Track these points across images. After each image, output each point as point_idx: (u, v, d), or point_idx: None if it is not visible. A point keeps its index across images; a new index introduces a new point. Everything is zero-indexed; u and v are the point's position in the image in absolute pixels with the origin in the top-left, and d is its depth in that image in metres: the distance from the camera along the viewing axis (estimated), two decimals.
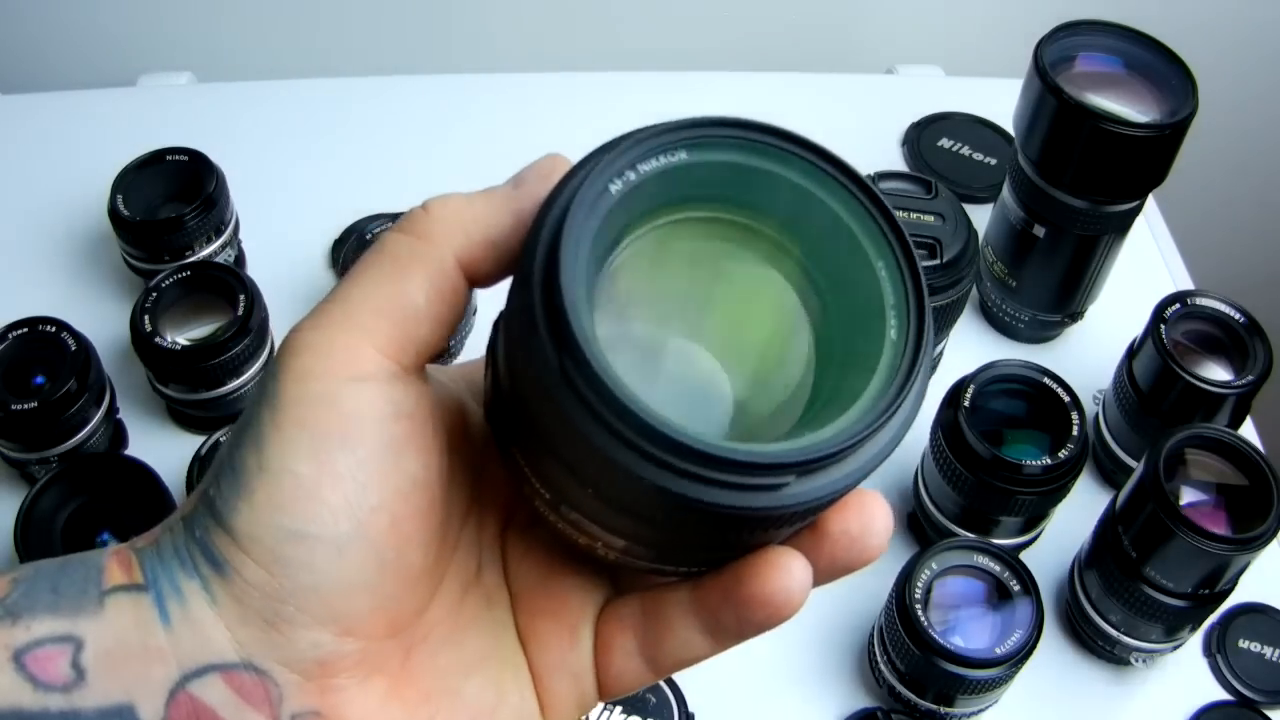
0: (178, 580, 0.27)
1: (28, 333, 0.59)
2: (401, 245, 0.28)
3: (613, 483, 0.25)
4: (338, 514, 0.26)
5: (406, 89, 0.84)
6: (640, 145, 0.27)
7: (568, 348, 0.24)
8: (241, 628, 0.26)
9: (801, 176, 0.28)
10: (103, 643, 0.26)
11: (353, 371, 0.27)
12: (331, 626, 0.27)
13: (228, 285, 0.62)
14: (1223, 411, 0.60)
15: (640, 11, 0.96)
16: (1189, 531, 0.51)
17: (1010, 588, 0.54)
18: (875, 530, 0.29)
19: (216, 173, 0.67)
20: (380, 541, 0.27)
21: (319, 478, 0.26)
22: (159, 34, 0.92)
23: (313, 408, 0.27)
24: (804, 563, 0.28)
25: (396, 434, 0.27)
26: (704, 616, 0.30)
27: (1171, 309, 0.61)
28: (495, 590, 0.32)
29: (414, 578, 0.29)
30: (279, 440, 0.26)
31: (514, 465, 0.28)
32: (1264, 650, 0.60)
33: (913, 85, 0.89)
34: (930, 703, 0.55)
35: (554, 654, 0.31)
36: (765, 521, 0.26)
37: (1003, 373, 0.59)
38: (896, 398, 0.26)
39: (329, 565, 0.26)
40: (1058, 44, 0.62)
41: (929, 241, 0.58)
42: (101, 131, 0.79)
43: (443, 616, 0.30)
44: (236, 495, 0.26)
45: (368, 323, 0.27)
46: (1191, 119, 0.60)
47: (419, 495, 0.28)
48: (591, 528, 0.28)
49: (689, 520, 0.25)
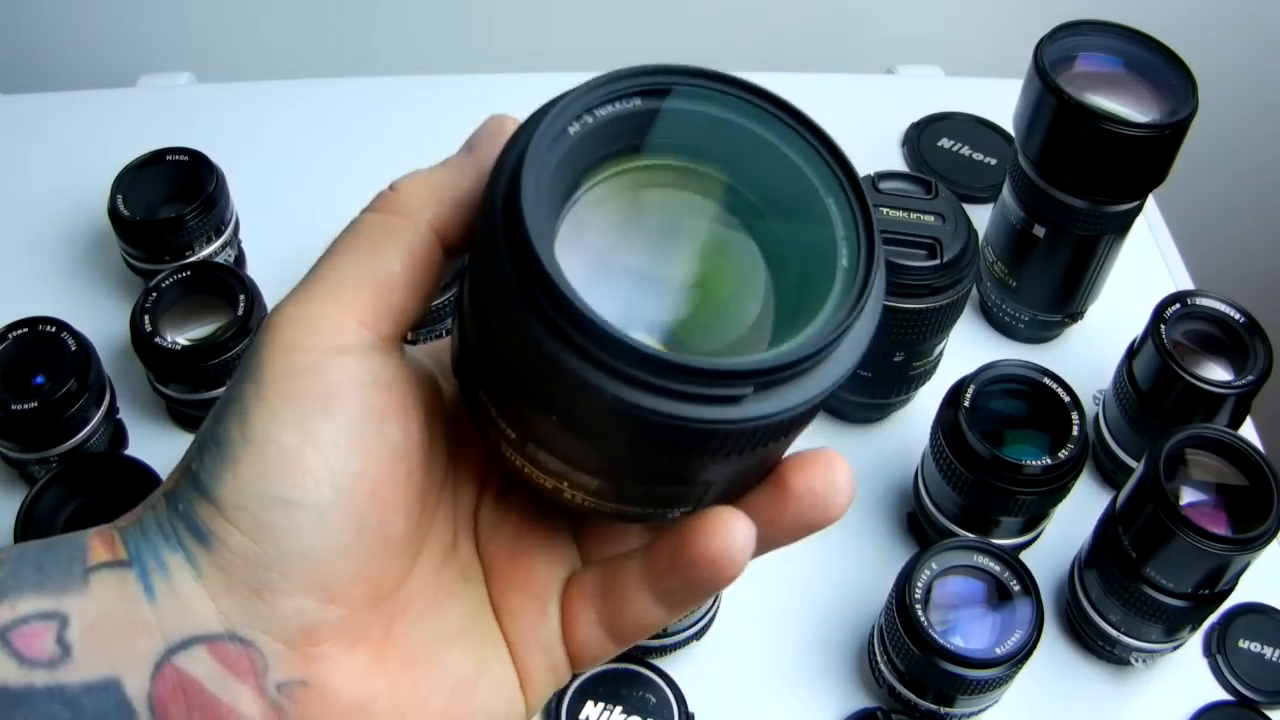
0: (161, 554, 0.27)
1: (28, 333, 0.59)
2: (376, 223, 0.29)
3: (572, 400, 0.25)
4: (321, 480, 0.27)
5: (406, 89, 0.84)
6: (596, 90, 0.28)
7: (528, 266, 0.25)
8: (225, 597, 0.27)
9: (752, 121, 0.29)
10: (87, 618, 0.27)
11: (335, 343, 0.28)
12: (315, 593, 0.27)
13: (228, 285, 0.62)
14: (1223, 411, 0.61)
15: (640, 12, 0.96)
16: (1189, 531, 0.51)
17: (1010, 588, 0.54)
18: (838, 487, 0.29)
19: (216, 173, 0.67)
20: (362, 507, 0.28)
21: (302, 445, 0.27)
22: (159, 34, 0.92)
23: (296, 378, 0.27)
24: (747, 522, 0.29)
25: (377, 403, 0.28)
26: (654, 582, 0.30)
27: (1171, 309, 0.61)
28: (470, 562, 0.33)
29: (395, 546, 0.29)
30: (263, 411, 0.27)
31: (482, 412, 0.29)
32: (1264, 650, 0.60)
33: (913, 85, 0.89)
34: (930, 703, 0.55)
35: (525, 627, 0.32)
36: (723, 440, 0.26)
37: (1003, 373, 0.59)
38: (848, 316, 0.26)
39: (313, 531, 0.27)
40: (1058, 44, 0.62)
41: (929, 241, 0.58)
42: (101, 131, 0.79)
43: (422, 587, 0.31)
44: (220, 466, 0.27)
45: (348, 296, 0.28)
46: (1191, 119, 0.60)
47: (399, 463, 0.29)
48: (556, 464, 0.28)
49: (647, 440, 0.26)
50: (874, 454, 0.67)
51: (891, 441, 0.67)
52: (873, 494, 0.66)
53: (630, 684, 0.56)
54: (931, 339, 0.62)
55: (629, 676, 0.56)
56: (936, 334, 0.62)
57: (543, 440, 0.28)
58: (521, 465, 0.29)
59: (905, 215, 0.59)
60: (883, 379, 0.63)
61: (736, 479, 0.29)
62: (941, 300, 0.59)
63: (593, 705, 0.55)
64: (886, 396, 0.65)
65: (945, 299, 0.59)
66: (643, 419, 0.25)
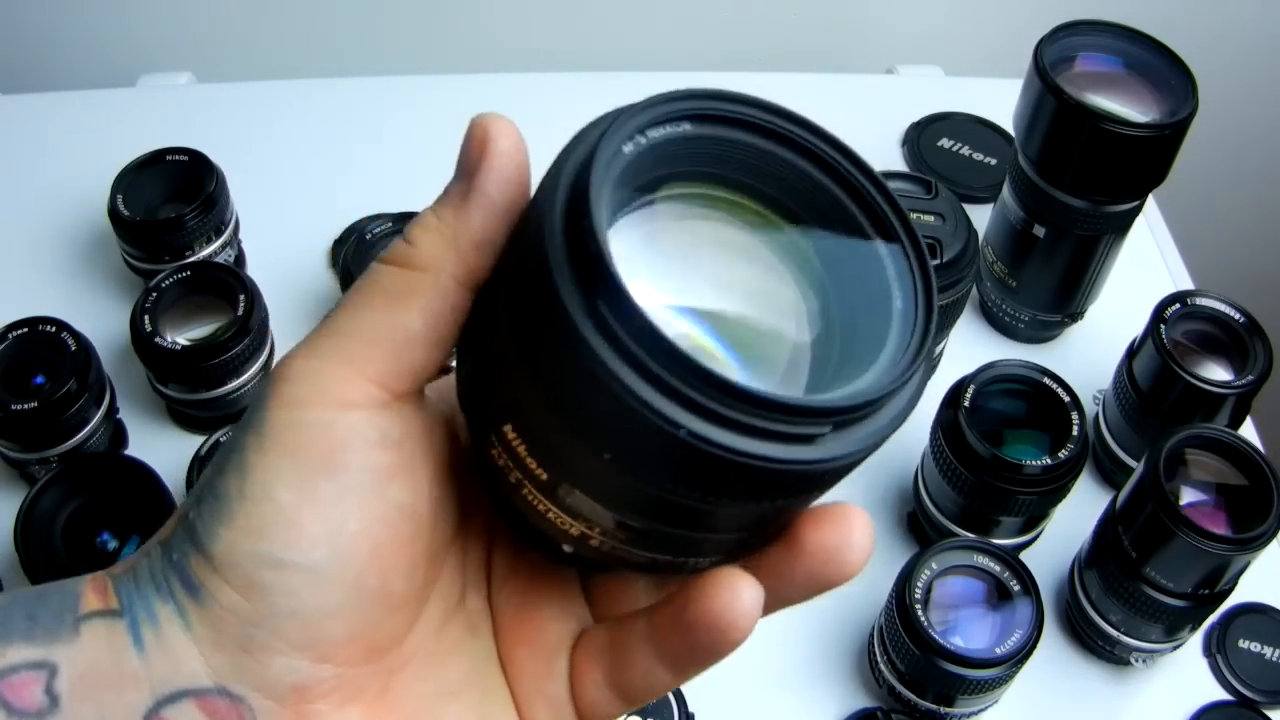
0: (153, 605, 0.27)
1: (28, 333, 0.59)
2: (394, 278, 0.28)
3: (638, 435, 0.23)
4: (317, 541, 0.26)
5: (406, 89, 0.84)
6: (649, 111, 0.26)
7: (601, 288, 0.23)
8: (215, 653, 0.26)
9: (796, 155, 0.28)
10: (76, 668, 0.26)
11: (342, 400, 0.27)
12: (308, 652, 0.27)
13: (228, 285, 0.62)
14: (1223, 411, 0.60)
15: (640, 12, 0.96)
16: (1189, 531, 0.51)
17: (1010, 588, 0.54)
18: (853, 544, 0.28)
19: (216, 173, 0.67)
20: (361, 569, 0.27)
21: (300, 505, 0.26)
22: (159, 34, 0.92)
23: (299, 435, 0.27)
24: (753, 584, 0.27)
25: (384, 462, 0.27)
26: (658, 644, 0.29)
27: (1171, 309, 0.61)
28: (479, 616, 0.32)
29: (396, 605, 0.28)
30: (263, 467, 0.26)
31: (502, 452, 0.27)
32: (1264, 650, 0.60)
33: (913, 85, 0.89)
34: (930, 703, 0.55)
35: (532, 684, 0.31)
36: (792, 481, 0.25)
37: (1003, 373, 0.59)
38: (916, 357, 0.26)
39: (307, 592, 0.26)
40: (1058, 44, 0.62)
41: (929, 241, 0.58)
42: (101, 131, 0.79)
43: (424, 642, 0.30)
44: (217, 521, 0.26)
45: (359, 352, 0.27)
46: (1191, 119, 0.60)
47: (405, 524, 0.28)
48: (590, 508, 0.26)
49: (713, 480, 0.24)
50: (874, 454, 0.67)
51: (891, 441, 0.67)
52: (873, 494, 0.66)
53: None
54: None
55: None
56: (936, 334, 0.62)
57: (583, 481, 0.26)
58: (545, 510, 0.27)
59: None
60: None
61: (762, 530, 0.28)
62: (941, 300, 0.59)
63: None
64: None
65: (945, 299, 0.59)
66: (714, 456, 0.23)
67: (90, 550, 0.57)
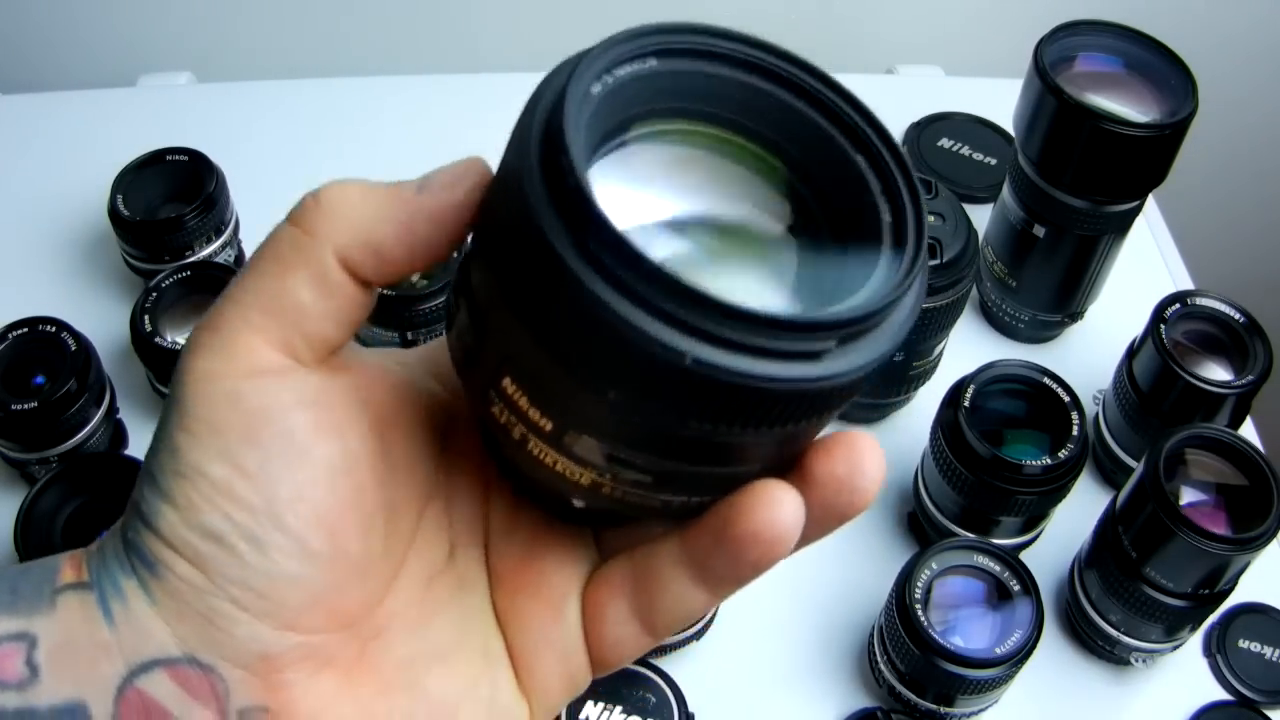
0: (119, 580, 0.27)
1: (28, 333, 0.59)
2: (286, 240, 0.28)
3: (642, 367, 0.23)
4: (254, 510, 0.26)
5: (407, 89, 0.84)
6: (614, 49, 0.26)
7: (588, 223, 0.23)
8: (180, 624, 0.27)
9: (771, 84, 0.28)
10: (54, 639, 0.27)
11: (249, 366, 0.27)
12: (269, 620, 0.27)
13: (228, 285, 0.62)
14: (1223, 411, 0.60)
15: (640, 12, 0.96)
16: (1189, 531, 0.51)
17: (1010, 588, 0.54)
18: (865, 471, 0.28)
19: (216, 173, 0.67)
20: (303, 533, 0.27)
21: (231, 477, 0.26)
22: (159, 34, 0.92)
23: (215, 407, 0.27)
24: (794, 494, 0.27)
25: (304, 422, 0.27)
26: (696, 565, 0.29)
27: (1171, 309, 0.61)
28: (471, 574, 0.31)
29: (356, 568, 0.28)
30: (188, 443, 0.27)
31: (504, 408, 0.27)
32: (1264, 650, 0.60)
33: (913, 85, 0.89)
34: (930, 703, 0.55)
35: (536, 633, 0.30)
36: (800, 401, 0.24)
37: (1003, 373, 0.59)
38: (914, 263, 0.25)
39: (254, 561, 0.26)
40: (1058, 44, 0.62)
41: (929, 241, 0.58)
42: (101, 131, 0.79)
43: (404, 606, 0.30)
44: (159, 499, 0.27)
45: (258, 320, 0.27)
46: (1191, 119, 0.60)
47: (342, 482, 0.28)
48: (599, 453, 0.26)
49: (721, 405, 0.24)
50: None
51: (891, 441, 0.67)
52: None
53: (630, 684, 0.56)
54: (931, 339, 0.62)
55: (629, 676, 0.56)
56: (936, 334, 0.62)
57: (589, 424, 0.25)
58: (553, 462, 0.27)
59: None
60: (883, 379, 0.63)
61: (775, 463, 0.28)
62: (941, 300, 0.59)
63: (592, 705, 0.55)
64: (886, 396, 0.65)
65: (945, 299, 0.59)
66: (721, 381, 0.23)
67: None
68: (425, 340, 0.66)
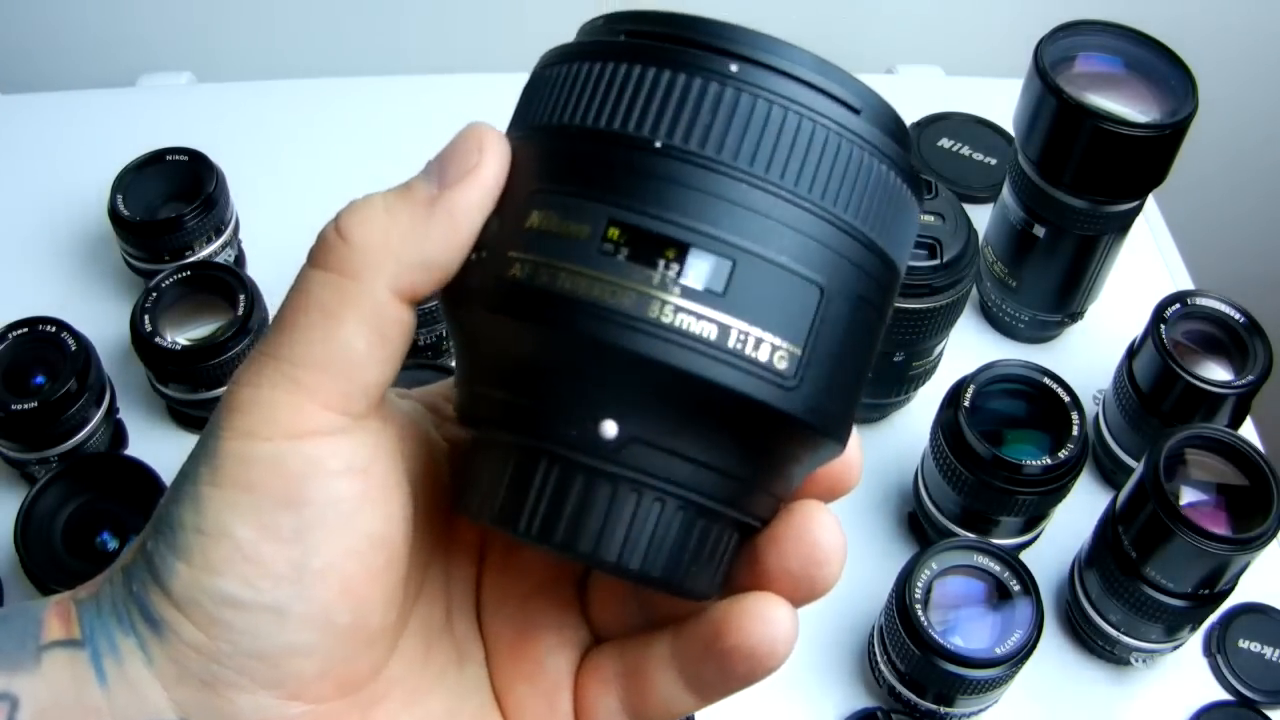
0: (115, 637, 0.26)
1: (28, 333, 0.59)
2: (328, 289, 0.25)
3: None
4: (280, 579, 0.25)
5: (406, 89, 0.84)
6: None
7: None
8: (179, 688, 0.25)
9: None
10: (39, 702, 0.25)
11: (295, 430, 0.25)
12: (275, 690, 0.26)
13: (228, 285, 0.62)
14: (1223, 411, 0.60)
15: None
16: (1189, 531, 0.51)
17: (1010, 588, 0.54)
18: (820, 560, 0.27)
19: (216, 173, 0.67)
20: (329, 605, 0.26)
21: (259, 541, 0.25)
22: (159, 34, 0.92)
23: (253, 469, 0.25)
24: (789, 609, 0.26)
25: (348, 492, 0.26)
26: (685, 670, 0.28)
27: (1171, 309, 0.61)
28: (467, 640, 0.31)
29: (372, 638, 0.27)
30: (218, 501, 0.25)
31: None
32: (1264, 650, 0.60)
33: (913, 85, 0.89)
34: (930, 703, 0.55)
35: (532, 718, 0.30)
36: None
37: (1003, 373, 0.59)
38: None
39: (271, 630, 0.25)
40: (1058, 44, 0.62)
41: (929, 241, 0.58)
42: (101, 131, 0.79)
43: (405, 673, 0.29)
44: (174, 555, 0.25)
45: (307, 379, 0.25)
46: (1191, 119, 0.60)
47: (375, 554, 0.26)
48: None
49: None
50: (874, 454, 0.67)
51: (891, 441, 0.67)
52: (873, 494, 0.66)
53: None
54: (931, 339, 0.62)
55: None
56: (936, 334, 0.62)
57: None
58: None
59: None
60: (883, 379, 0.63)
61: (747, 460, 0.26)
62: (941, 300, 0.59)
63: None
64: (886, 396, 0.65)
65: (945, 299, 0.59)
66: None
67: (90, 550, 0.57)
68: (425, 340, 0.66)
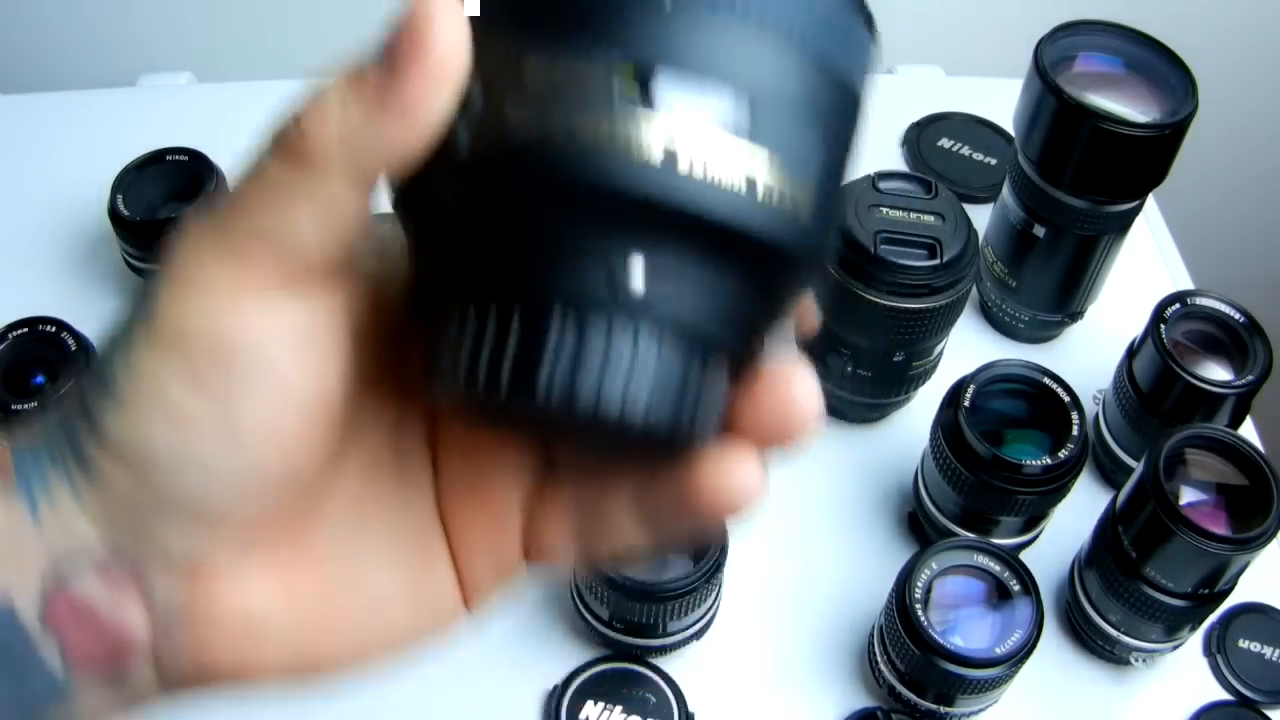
0: (47, 478, 0.26)
1: (28, 333, 0.59)
2: (281, 172, 0.25)
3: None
4: (208, 435, 0.25)
5: None
6: None
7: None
8: (109, 523, 0.26)
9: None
10: None
11: (233, 292, 0.25)
12: (205, 532, 0.26)
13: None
14: (1223, 411, 0.60)
15: None
16: (1189, 531, 0.51)
17: (1010, 588, 0.54)
18: (792, 417, 0.26)
19: (216, 173, 0.67)
20: (261, 461, 0.26)
21: (188, 399, 0.25)
22: (159, 34, 0.92)
23: (187, 329, 0.25)
24: (758, 465, 0.26)
25: (282, 357, 0.25)
26: (645, 507, 0.28)
27: (1171, 309, 0.61)
28: (415, 465, 0.30)
29: (303, 487, 0.27)
30: (152, 360, 0.25)
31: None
32: (1264, 650, 0.60)
33: (913, 85, 0.89)
34: (930, 703, 0.55)
35: (478, 544, 0.30)
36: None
37: (1003, 373, 0.59)
38: None
39: (199, 484, 0.25)
40: (1058, 44, 0.62)
41: (929, 241, 0.58)
42: (101, 131, 0.79)
43: (344, 500, 0.29)
44: (108, 407, 0.26)
45: (248, 248, 0.25)
46: (1191, 119, 0.60)
47: (308, 414, 0.26)
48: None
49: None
50: (874, 454, 0.67)
51: (891, 441, 0.67)
52: (873, 494, 0.66)
53: (630, 684, 0.56)
54: (931, 339, 0.62)
55: (629, 676, 0.56)
56: (936, 334, 0.62)
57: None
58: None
59: (905, 215, 0.59)
60: (882, 379, 0.63)
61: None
62: (941, 300, 0.59)
63: (593, 705, 0.55)
64: (886, 396, 0.65)
65: (945, 299, 0.59)
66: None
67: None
68: None
